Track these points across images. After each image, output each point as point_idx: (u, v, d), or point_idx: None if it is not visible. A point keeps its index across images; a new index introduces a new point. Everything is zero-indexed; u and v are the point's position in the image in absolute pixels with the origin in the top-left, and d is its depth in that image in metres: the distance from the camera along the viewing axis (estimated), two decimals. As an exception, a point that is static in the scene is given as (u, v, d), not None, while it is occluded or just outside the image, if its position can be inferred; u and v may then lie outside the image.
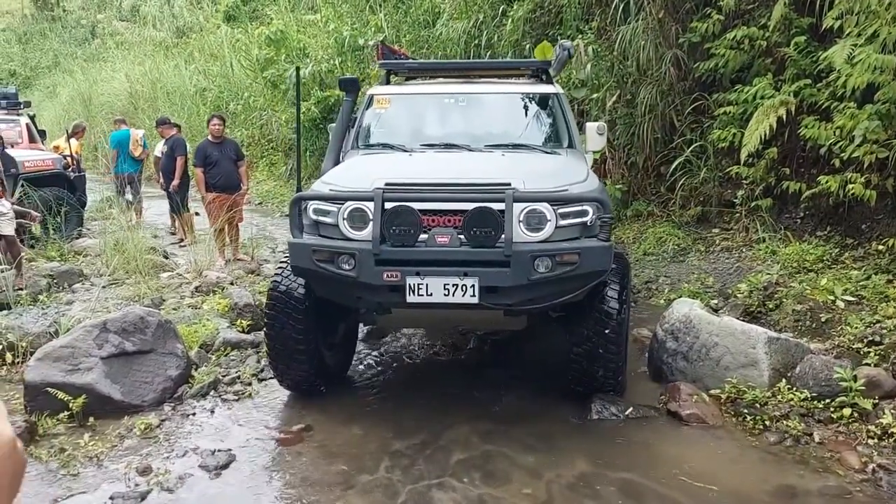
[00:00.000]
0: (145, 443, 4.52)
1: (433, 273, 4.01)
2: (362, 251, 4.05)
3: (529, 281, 3.98)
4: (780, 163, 7.36)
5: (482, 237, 3.98)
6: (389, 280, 4.03)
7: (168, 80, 22.61)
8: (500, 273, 3.98)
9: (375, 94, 6.02)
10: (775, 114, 6.94)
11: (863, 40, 5.95)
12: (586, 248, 4.08)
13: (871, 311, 5.50)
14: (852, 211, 6.79)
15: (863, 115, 5.97)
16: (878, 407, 4.38)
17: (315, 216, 4.36)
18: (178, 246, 10.75)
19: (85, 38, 37.03)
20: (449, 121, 5.89)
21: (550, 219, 4.09)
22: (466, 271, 3.99)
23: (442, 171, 4.66)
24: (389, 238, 4.02)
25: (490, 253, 4.00)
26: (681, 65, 8.36)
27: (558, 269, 4.00)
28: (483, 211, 3.97)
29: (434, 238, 4.07)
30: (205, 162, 9.16)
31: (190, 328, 6.17)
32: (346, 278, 4.13)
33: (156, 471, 4.12)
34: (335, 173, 4.90)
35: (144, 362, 5.21)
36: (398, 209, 4.00)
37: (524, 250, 3.98)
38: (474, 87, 6.10)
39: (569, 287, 4.16)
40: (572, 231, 4.20)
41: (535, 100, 6.02)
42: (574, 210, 4.17)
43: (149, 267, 8.45)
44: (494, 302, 4.09)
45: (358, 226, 4.20)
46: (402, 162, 5.14)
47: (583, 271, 4.07)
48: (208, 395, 5.22)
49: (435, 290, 4.00)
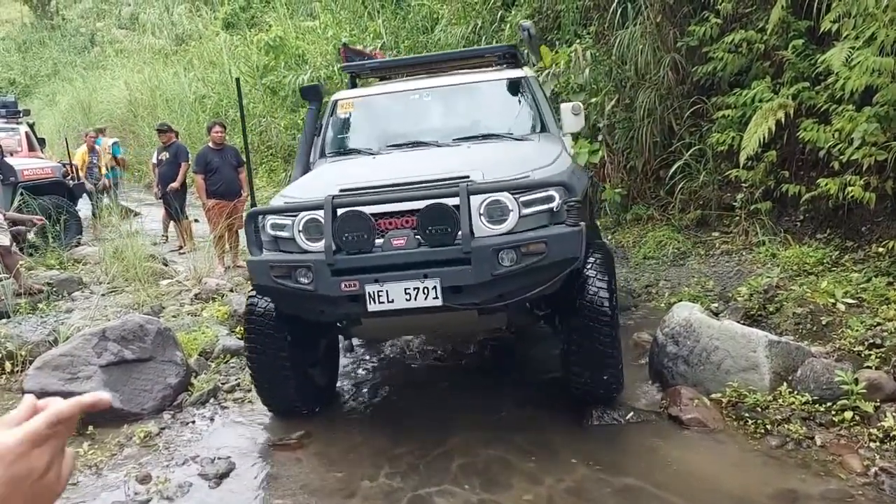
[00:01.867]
0: (145, 451, 4.51)
1: (392, 278, 3.82)
2: (318, 262, 3.90)
3: (494, 276, 3.77)
4: (780, 166, 7.35)
5: (439, 235, 3.79)
6: (348, 290, 3.86)
7: (167, 87, 22.63)
8: (461, 271, 3.78)
9: (339, 99, 5.90)
10: (774, 117, 6.93)
11: (860, 43, 5.94)
12: (553, 236, 3.84)
13: (872, 313, 5.48)
14: (852, 213, 6.78)
15: (861, 118, 5.96)
16: (879, 410, 4.36)
17: (273, 231, 4.22)
18: (177, 253, 10.75)
19: (84, 46, 37.09)
20: (416, 118, 5.72)
21: (512, 209, 3.90)
22: (426, 273, 3.80)
23: (400, 172, 4.44)
24: (343, 246, 3.86)
25: (448, 251, 3.80)
26: (679, 69, 8.37)
27: (525, 260, 3.78)
28: (436, 207, 3.78)
29: (390, 241, 3.89)
30: (205, 168, 9.17)
31: (189, 336, 6.16)
32: (304, 292, 3.98)
33: (155, 479, 4.12)
34: (294, 185, 4.78)
35: (144, 370, 5.20)
36: (348, 215, 3.85)
37: (485, 245, 3.78)
38: (439, 81, 5.90)
39: (539, 278, 3.91)
40: (538, 219, 3.98)
41: (503, 86, 5.80)
42: (538, 197, 3.95)
43: (148, 274, 8.44)
44: (461, 302, 3.88)
45: (314, 237, 4.04)
46: (362, 166, 4.99)
47: (552, 260, 3.83)
48: (208, 403, 5.21)
49: (396, 295, 3.81)
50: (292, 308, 4.33)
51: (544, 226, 3.97)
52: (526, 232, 3.90)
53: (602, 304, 4.23)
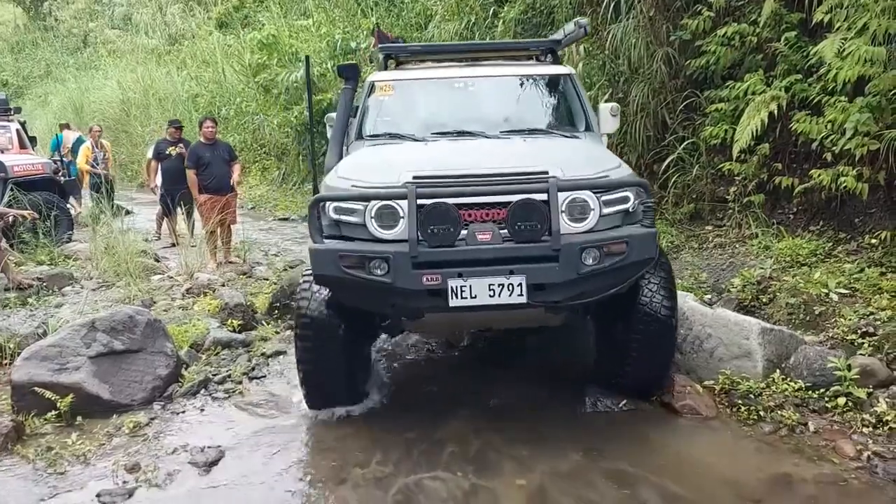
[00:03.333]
0: (134, 441, 4.46)
1: (477, 273, 3.76)
2: (397, 254, 3.76)
3: (579, 275, 3.80)
4: (772, 158, 7.34)
5: (528, 231, 3.78)
6: (430, 284, 3.77)
7: (160, 86, 22.56)
8: (548, 269, 3.79)
9: (377, 81, 5.65)
10: (766, 109, 6.92)
11: (853, 34, 5.94)
12: (634, 237, 3.91)
13: (865, 303, 5.48)
14: (845, 205, 6.78)
15: (854, 108, 5.96)
16: (872, 396, 4.36)
17: (336, 215, 4.03)
18: (172, 248, 10.67)
19: (77, 46, 36.98)
20: (458, 107, 5.55)
21: (594, 207, 3.93)
22: (512, 269, 3.77)
23: (470, 161, 4.35)
24: (426, 238, 3.77)
25: (537, 248, 3.80)
26: (672, 62, 8.35)
27: (606, 260, 3.83)
28: (527, 203, 3.77)
29: (474, 235, 3.83)
30: (197, 164, 9.13)
31: (180, 328, 6.12)
32: (379, 285, 3.82)
33: (144, 468, 4.08)
34: (351, 167, 4.52)
35: (133, 361, 5.16)
36: (436, 207, 3.76)
37: (572, 242, 3.79)
38: (481, 70, 5.78)
39: (617, 278, 3.96)
40: (614, 219, 4.03)
41: (546, 81, 5.72)
42: (616, 197, 4.01)
43: (139, 270, 8.38)
44: (542, 300, 3.87)
45: (388, 224, 3.91)
46: (422, 152, 4.81)
47: (631, 261, 3.90)
48: (198, 394, 5.17)
49: (479, 291, 3.76)
50: (358, 300, 4.17)
51: (617, 226, 4.02)
52: (605, 231, 3.95)
53: (666, 308, 4.30)
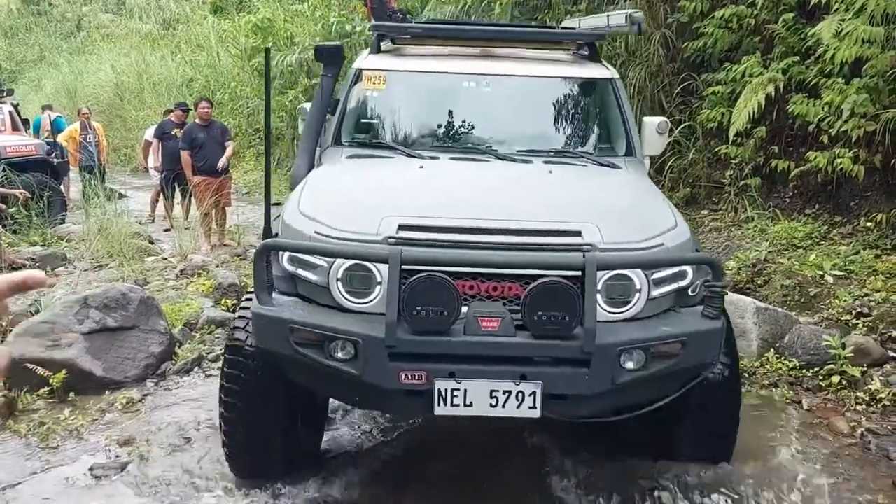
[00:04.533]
0: (127, 416, 4.45)
1: (476, 374, 2.82)
2: (369, 339, 2.79)
3: (615, 385, 2.83)
4: (769, 142, 7.34)
5: (551, 324, 2.76)
6: (410, 383, 2.82)
7: (154, 70, 22.39)
8: (573, 376, 2.82)
9: (365, 69, 4.40)
10: (763, 92, 6.91)
11: (851, 14, 5.93)
12: (694, 334, 2.90)
13: (860, 284, 5.49)
14: (841, 188, 6.78)
15: (851, 90, 5.95)
16: (866, 374, 4.38)
17: (292, 267, 3.07)
18: (167, 231, 10.63)
19: (70, 31, 36.70)
20: (469, 112, 4.38)
21: (640, 287, 2.93)
22: (525, 373, 2.81)
23: (477, 203, 3.31)
24: (412, 321, 2.77)
25: (563, 347, 2.81)
26: (669, 45, 8.33)
27: (654, 364, 2.86)
28: (554, 287, 2.75)
29: (476, 321, 2.82)
30: (191, 145, 9.09)
31: (174, 307, 6.09)
32: (341, 374, 2.88)
33: (137, 443, 4.06)
34: (318, 201, 3.40)
35: (127, 338, 5.13)
36: (427, 281, 2.75)
37: (609, 343, 2.79)
38: (501, 66, 4.48)
39: (664, 388, 3.02)
40: (665, 301, 3.06)
41: (582, 86, 4.53)
42: (671, 273, 3.01)
43: (133, 251, 8.34)
44: (562, 413, 2.99)
45: (360, 291, 2.96)
46: (413, 181, 3.71)
47: (686, 365, 2.93)
48: (192, 371, 5.16)
49: (477, 398, 2.82)
50: (312, 384, 3.26)
51: (669, 310, 3.08)
52: (655, 322, 2.98)
53: (729, 370, 3.32)
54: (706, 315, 2.95)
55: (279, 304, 2.99)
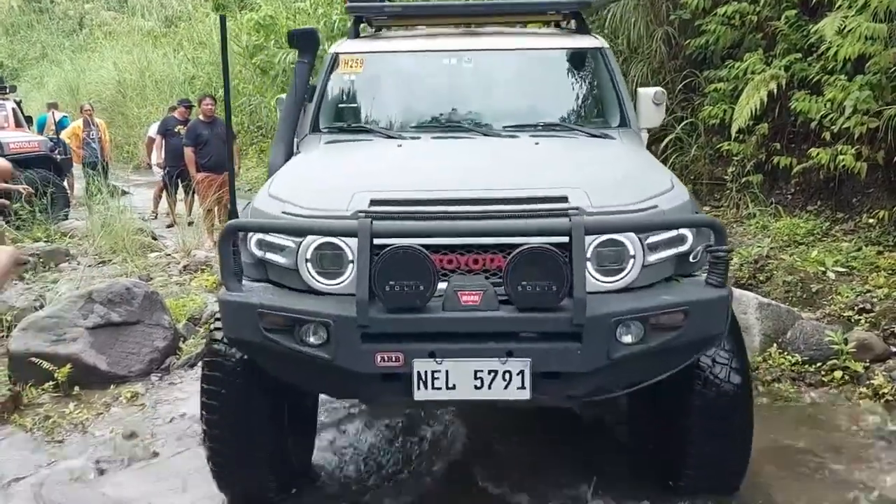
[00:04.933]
0: (132, 410, 4.48)
1: (458, 353, 2.60)
2: (341, 319, 2.58)
3: (611, 360, 2.58)
4: (771, 138, 7.35)
5: (536, 294, 2.52)
6: (386, 366, 2.60)
7: (157, 68, 22.42)
8: (565, 351, 2.58)
9: (342, 53, 4.26)
10: (766, 88, 6.92)
11: (854, 11, 5.94)
12: (697, 303, 2.65)
13: (862, 281, 5.51)
14: (843, 185, 6.79)
15: (854, 86, 5.95)
16: (868, 370, 4.39)
17: (260, 252, 2.86)
18: (171, 228, 10.66)
19: (73, 28, 36.72)
20: (452, 91, 4.23)
21: (634, 253, 2.68)
22: (511, 349, 2.58)
23: (456, 176, 3.09)
24: (384, 298, 2.55)
25: (550, 320, 2.57)
26: (672, 42, 8.34)
27: (653, 337, 2.61)
28: (539, 253, 2.51)
29: (456, 295, 2.59)
30: (195, 142, 9.12)
31: (177, 302, 6.11)
32: (313, 360, 2.66)
33: (142, 436, 4.09)
34: (288, 181, 3.26)
35: (131, 333, 5.16)
36: (399, 252, 2.53)
37: (604, 313, 2.55)
38: (482, 41, 4.38)
39: (665, 363, 2.74)
40: (663, 268, 2.80)
41: (570, 58, 4.31)
42: (668, 237, 2.76)
43: (136, 247, 8.37)
44: (555, 393, 2.74)
45: (330, 271, 2.75)
46: (391, 160, 3.53)
47: (690, 338, 2.66)
48: (196, 366, 5.15)
49: (460, 379, 2.59)
50: (287, 375, 2.96)
51: (669, 279, 2.83)
52: (653, 291, 2.73)
53: (737, 376, 3.01)
54: (710, 283, 2.69)
55: (248, 289, 2.78)
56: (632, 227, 2.69)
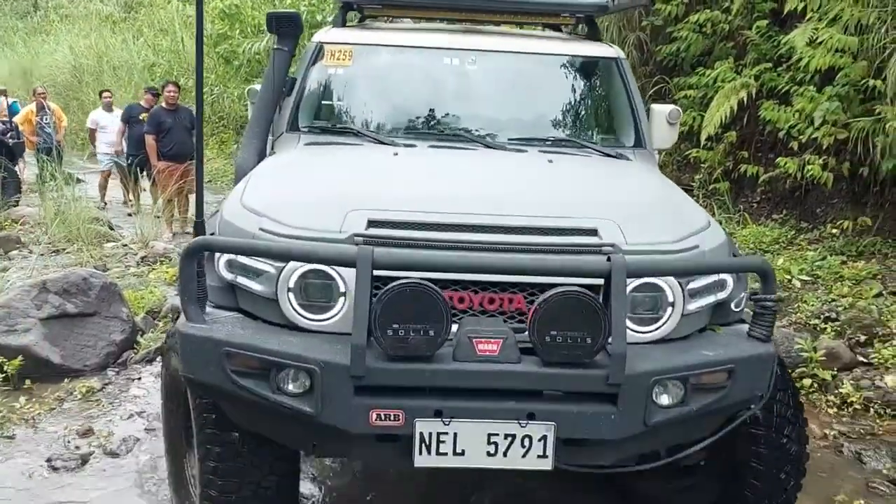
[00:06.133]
0: (87, 406, 4.29)
1: (469, 413, 2.20)
2: (329, 366, 2.15)
3: (647, 427, 2.22)
4: (739, 147, 7.44)
5: (567, 346, 2.15)
6: (382, 425, 2.18)
7: (115, 54, 21.84)
8: (596, 415, 2.21)
9: (328, 43, 3.80)
10: (736, 97, 6.99)
11: (824, 23, 6.02)
12: (742, 360, 2.32)
13: (827, 289, 5.59)
14: (808, 195, 6.90)
15: (822, 98, 6.04)
16: (836, 378, 4.43)
17: (230, 275, 2.42)
18: (129, 217, 10.35)
19: (27, 11, 35.59)
20: (451, 94, 3.77)
21: (673, 300, 2.36)
22: (533, 411, 2.20)
23: (467, 197, 2.62)
24: (387, 344, 2.14)
25: (583, 378, 2.19)
26: (643, 48, 8.38)
27: (695, 399, 2.27)
28: (574, 298, 2.13)
29: (470, 343, 2.18)
30: (157, 129, 8.87)
31: (136, 294, 5.90)
32: (293, 413, 2.22)
33: (98, 433, 3.91)
34: (267, 190, 2.78)
35: (87, 325, 4.95)
36: (408, 289, 2.12)
37: (642, 371, 2.19)
38: (487, 41, 3.89)
39: (700, 428, 2.45)
40: (700, 318, 2.51)
41: (583, 66, 3.91)
42: (707, 283, 2.45)
43: (92, 236, 8.09)
44: (580, 463, 2.36)
45: (317, 304, 2.33)
46: (387, 172, 3.05)
47: (732, 401, 2.35)
48: (154, 361, 4.97)
49: (470, 443, 2.20)
50: (258, 426, 2.50)
51: (707, 329, 2.54)
52: (691, 344, 2.41)
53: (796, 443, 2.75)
54: (754, 336, 2.37)
55: (213, 320, 2.31)
56: (677, 271, 2.34)
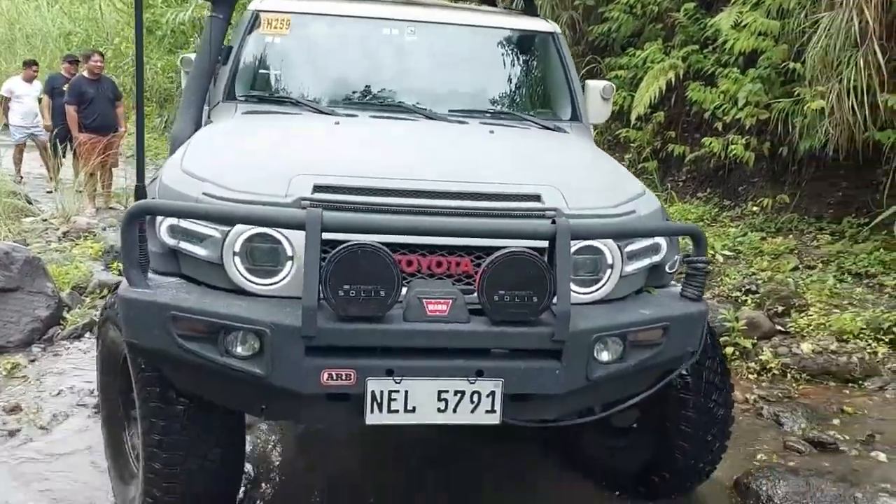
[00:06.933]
0: (12, 383, 4.14)
1: (420, 371, 2.26)
2: (279, 328, 2.16)
3: (589, 381, 2.33)
4: (667, 127, 7.67)
5: (515, 305, 2.23)
6: (334, 384, 2.21)
7: (28, 21, 20.80)
8: (542, 371, 2.30)
9: (265, 11, 3.73)
10: (664, 77, 7.20)
11: (748, 7, 6.25)
12: (678, 318, 2.45)
13: (748, 264, 5.85)
14: (731, 174, 7.18)
15: (746, 79, 6.29)
16: (756, 346, 4.66)
17: (173, 240, 2.38)
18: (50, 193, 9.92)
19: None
20: (391, 65, 3.77)
21: (612, 262, 2.47)
22: (482, 368, 2.27)
23: (412, 164, 2.69)
24: (337, 305, 2.15)
25: (529, 335, 2.27)
26: (576, 27, 8.51)
27: (633, 355, 2.39)
28: (521, 259, 2.21)
29: (420, 304, 2.25)
30: (79, 100, 8.50)
31: (60, 269, 5.70)
32: (242, 376, 2.22)
33: (26, 409, 3.79)
34: (207, 155, 2.77)
35: (9, 300, 4.76)
36: (359, 251, 2.14)
37: (585, 328, 2.28)
38: (430, 13, 3.89)
39: (640, 383, 2.56)
40: (637, 280, 2.62)
41: (520, 41, 3.97)
42: (644, 246, 2.57)
43: (9, 210, 7.74)
44: (526, 418, 2.45)
45: (263, 268, 2.34)
46: (329, 139, 3.05)
47: (666, 357, 2.47)
48: (83, 337, 4.84)
49: (421, 400, 2.26)
50: (204, 391, 2.49)
51: (643, 291, 2.66)
52: (628, 304, 2.53)
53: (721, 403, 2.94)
54: (686, 296, 2.50)
55: (157, 285, 2.29)
56: (616, 234, 2.47)
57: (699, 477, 3.09)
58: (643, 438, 3.07)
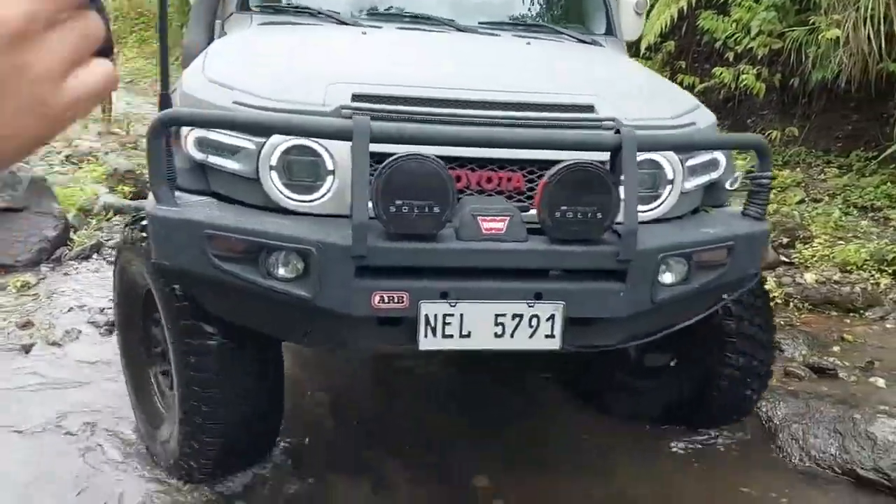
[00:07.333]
0: (24, 300, 4.19)
1: (476, 293, 2.10)
2: (326, 247, 2.00)
3: (654, 304, 2.19)
4: (677, 57, 7.53)
5: (578, 223, 2.06)
6: (386, 307, 2.06)
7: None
8: (606, 293, 2.16)
9: None
10: (675, 6, 7.04)
11: (767, -68, 6.08)
12: (741, 238, 2.30)
13: (754, 196, 5.85)
14: (740, 105, 7.10)
15: (760, 7, 6.16)
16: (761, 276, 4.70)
17: (202, 154, 2.18)
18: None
19: None
20: None
21: (672, 177, 2.30)
22: (541, 290, 2.12)
23: (454, 74, 2.50)
24: (389, 221, 2.00)
25: (593, 255, 2.12)
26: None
27: (697, 277, 2.24)
28: (585, 172, 2.04)
29: (475, 222, 2.08)
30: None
31: (65, 191, 5.69)
32: (286, 299, 2.06)
33: (38, 325, 3.84)
34: (233, 62, 2.57)
35: (16, 220, 4.79)
36: (413, 163, 1.97)
37: (651, 247, 2.14)
38: None
39: (701, 305, 2.44)
40: (695, 198, 2.48)
41: None
42: (704, 161, 2.40)
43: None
44: (587, 343, 2.31)
45: (302, 183, 2.15)
46: (359, 49, 2.82)
47: (730, 278, 2.34)
48: (91, 258, 4.87)
49: (477, 325, 2.10)
50: (242, 317, 2.35)
51: (700, 210, 2.51)
52: (689, 223, 2.38)
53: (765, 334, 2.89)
54: (749, 214, 2.35)
55: (186, 203, 2.10)
56: (678, 145, 2.30)
57: (750, 404, 3.03)
58: (676, 380, 3.04)
